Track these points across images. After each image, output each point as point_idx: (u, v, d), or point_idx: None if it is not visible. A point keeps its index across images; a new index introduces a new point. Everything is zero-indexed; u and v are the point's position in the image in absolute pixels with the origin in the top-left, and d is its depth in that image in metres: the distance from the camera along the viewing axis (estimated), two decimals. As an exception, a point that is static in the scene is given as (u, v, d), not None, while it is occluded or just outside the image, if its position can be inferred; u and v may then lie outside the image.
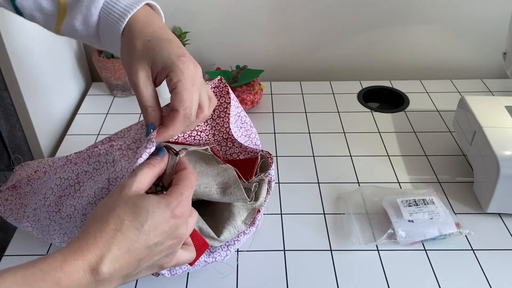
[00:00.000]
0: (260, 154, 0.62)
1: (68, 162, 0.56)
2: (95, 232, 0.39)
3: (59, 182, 0.56)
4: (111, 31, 0.52)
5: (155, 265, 0.43)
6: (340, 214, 0.73)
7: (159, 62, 0.48)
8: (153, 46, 0.49)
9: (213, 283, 0.63)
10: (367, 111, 0.99)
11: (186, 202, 0.43)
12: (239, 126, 0.64)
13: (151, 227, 0.40)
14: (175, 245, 0.43)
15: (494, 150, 0.69)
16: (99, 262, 0.38)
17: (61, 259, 0.37)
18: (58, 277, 0.36)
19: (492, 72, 1.14)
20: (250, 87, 0.96)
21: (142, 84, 0.49)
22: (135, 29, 0.50)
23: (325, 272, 0.64)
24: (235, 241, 0.60)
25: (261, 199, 0.59)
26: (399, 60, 1.13)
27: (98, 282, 0.38)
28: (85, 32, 0.54)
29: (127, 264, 0.39)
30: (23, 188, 0.63)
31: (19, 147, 0.85)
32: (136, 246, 0.40)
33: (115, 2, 0.52)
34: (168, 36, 0.51)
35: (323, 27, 1.08)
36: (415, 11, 1.05)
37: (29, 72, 0.83)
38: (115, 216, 0.40)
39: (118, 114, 0.99)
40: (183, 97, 0.47)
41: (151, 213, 0.40)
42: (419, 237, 0.66)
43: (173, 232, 0.42)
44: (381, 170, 0.82)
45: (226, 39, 1.10)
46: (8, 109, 0.80)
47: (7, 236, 1.00)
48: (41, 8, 0.55)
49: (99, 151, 0.54)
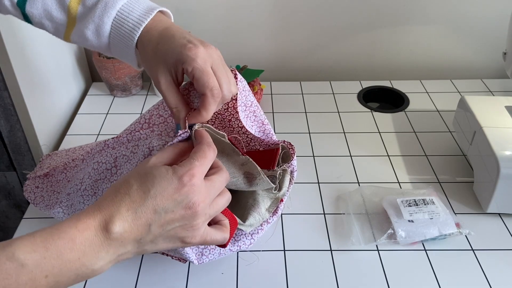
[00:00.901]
0: (281, 145, 0.62)
1: (106, 147, 0.58)
2: (108, 197, 0.42)
3: (97, 166, 0.57)
4: (124, 42, 0.54)
5: (173, 237, 0.44)
6: (340, 214, 0.73)
7: (170, 61, 0.50)
8: (161, 48, 0.51)
9: (213, 282, 0.63)
10: (367, 111, 0.99)
11: (197, 171, 0.43)
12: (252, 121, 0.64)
13: (158, 192, 0.41)
14: (189, 217, 0.43)
15: (494, 150, 0.69)
16: (109, 221, 0.40)
17: (76, 218, 0.40)
18: (72, 233, 0.38)
19: (492, 72, 1.14)
20: (250, 87, 0.96)
21: (164, 89, 0.51)
22: (147, 37, 0.52)
23: (325, 272, 0.64)
24: (259, 230, 0.61)
25: (284, 189, 0.60)
26: (399, 60, 1.13)
27: (110, 240, 0.40)
28: (96, 41, 0.55)
29: (136, 227, 0.41)
30: (56, 176, 0.66)
31: (19, 147, 0.85)
32: (143, 208, 0.41)
33: (128, 13, 0.53)
34: (172, 33, 0.51)
35: (323, 27, 1.08)
36: (415, 11, 1.05)
37: (29, 72, 0.83)
38: (126, 182, 0.42)
39: (118, 114, 0.99)
40: (204, 80, 0.48)
41: (158, 179, 0.42)
42: (419, 237, 0.66)
43: (183, 200, 0.42)
44: (381, 170, 0.82)
45: (226, 39, 1.10)
46: (8, 109, 0.80)
47: (7, 236, 1.00)
48: (51, 17, 0.55)
49: (140, 135, 0.56)
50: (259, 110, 0.64)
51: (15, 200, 0.94)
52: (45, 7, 0.55)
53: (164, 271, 0.64)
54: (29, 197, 0.67)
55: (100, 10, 0.53)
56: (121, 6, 0.53)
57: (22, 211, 0.95)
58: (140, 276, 0.64)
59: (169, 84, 0.51)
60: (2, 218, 0.98)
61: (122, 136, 0.57)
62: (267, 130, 0.64)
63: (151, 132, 0.56)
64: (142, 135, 0.56)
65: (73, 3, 0.54)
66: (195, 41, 0.50)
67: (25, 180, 0.68)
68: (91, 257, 0.39)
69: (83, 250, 0.39)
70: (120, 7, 0.53)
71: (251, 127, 0.62)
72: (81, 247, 0.38)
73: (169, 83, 0.51)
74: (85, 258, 0.39)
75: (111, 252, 0.40)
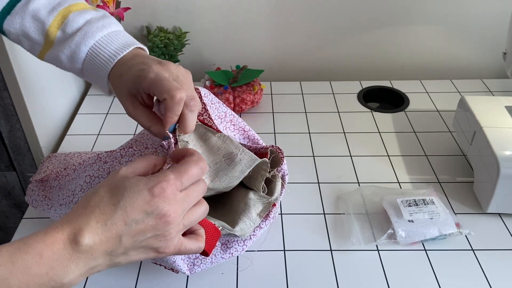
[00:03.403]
0: (270, 149, 0.61)
1: (98, 160, 0.58)
2: (77, 210, 0.42)
3: (89, 179, 0.57)
4: (97, 71, 0.56)
5: (146, 248, 0.43)
6: (340, 214, 0.73)
7: (131, 87, 0.52)
8: (123, 79, 0.53)
9: (213, 282, 0.63)
10: (367, 111, 0.99)
11: (171, 183, 0.43)
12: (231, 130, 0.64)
13: (127, 203, 0.41)
14: (161, 227, 0.42)
15: (494, 150, 0.69)
16: (77, 233, 0.39)
17: (43, 233, 0.39)
18: (40, 248, 0.38)
19: (492, 72, 1.14)
20: (250, 87, 0.96)
21: (134, 114, 0.53)
22: (116, 71, 0.55)
23: (325, 272, 0.64)
24: (251, 235, 0.61)
25: (276, 194, 0.60)
26: (399, 60, 1.13)
27: (79, 253, 0.39)
28: (69, 65, 0.58)
29: (107, 239, 0.40)
30: (50, 183, 0.66)
31: (19, 147, 0.85)
32: (113, 220, 0.41)
33: (105, 45, 0.56)
34: (134, 62, 0.54)
35: (323, 27, 1.08)
36: (415, 11, 1.05)
37: (29, 72, 0.83)
38: (97, 195, 0.42)
39: (118, 114, 0.99)
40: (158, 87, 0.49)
41: (128, 190, 0.42)
42: (419, 237, 0.66)
43: (153, 211, 0.42)
44: (381, 170, 0.82)
45: (226, 39, 1.10)
46: (8, 109, 0.80)
47: (7, 236, 1.00)
48: (28, 36, 0.58)
49: (133, 151, 0.56)
50: (236, 118, 0.64)
51: (15, 200, 0.94)
52: (23, 29, 0.57)
53: (164, 271, 0.64)
54: (27, 199, 0.68)
55: (79, 38, 0.56)
56: (100, 38, 0.56)
57: (22, 211, 0.96)
58: (140, 276, 0.64)
59: (136, 107, 0.53)
60: (2, 218, 0.98)
61: (115, 151, 0.57)
62: (251, 136, 0.64)
63: (145, 149, 0.56)
64: (136, 151, 0.55)
65: (53, 28, 0.57)
66: (150, 62, 0.52)
67: (26, 181, 0.68)
68: (59, 271, 0.39)
69: (51, 264, 0.38)
70: (98, 38, 0.56)
71: (233, 136, 0.62)
72: (48, 262, 0.38)
73: (136, 107, 0.53)
74: (53, 272, 0.38)
75: (81, 265, 0.40)
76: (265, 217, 0.62)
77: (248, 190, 0.60)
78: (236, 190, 0.60)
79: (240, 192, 0.60)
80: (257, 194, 0.60)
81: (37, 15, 0.57)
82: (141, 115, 0.53)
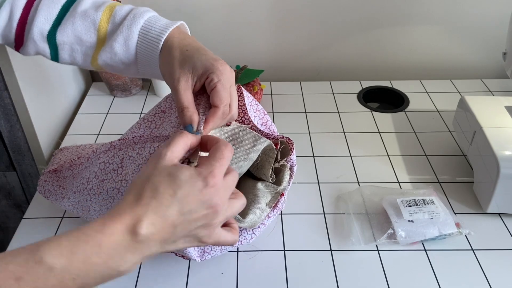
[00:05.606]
0: (280, 140, 0.62)
1: (112, 148, 0.59)
2: (131, 199, 0.42)
3: (103, 166, 0.58)
4: (150, 47, 0.58)
5: (193, 236, 0.44)
6: (340, 214, 0.73)
7: (199, 66, 0.54)
8: (192, 54, 0.55)
9: (213, 282, 0.63)
10: (367, 111, 0.99)
11: (218, 172, 0.44)
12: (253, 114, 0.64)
13: (184, 194, 0.42)
14: (211, 216, 0.44)
15: (494, 150, 0.69)
16: (136, 224, 0.40)
17: (101, 223, 0.40)
18: (99, 238, 0.39)
19: (492, 72, 1.14)
20: (250, 87, 0.96)
21: (183, 89, 0.54)
22: (173, 42, 0.57)
23: (325, 272, 0.64)
24: (260, 224, 0.62)
25: (284, 184, 0.62)
26: (399, 60, 1.13)
27: (136, 243, 0.40)
28: (124, 54, 0.59)
29: (163, 229, 0.42)
30: (63, 173, 0.67)
31: (19, 147, 0.85)
32: (170, 211, 0.42)
33: (154, 22, 0.59)
34: (200, 45, 0.57)
35: (323, 27, 1.08)
36: (415, 11, 1.05)
37: (29, 72, 0.83)
38: (151, 184, 0.43)
39: (118, 114, 0.99)
40: (223, 95, 0.53)
41: (183, 181, 0.43)
42: (419, 237, 0.66)
43: (206, 201, 0.43)
44: (381, 170, 0.82)
45: (226, 39, 1.10)
46: (8, 109, 0.80)
47: (7, 236, 1.00)
48: (81, 41, 0.60)
49: (146, 139, 0.57)
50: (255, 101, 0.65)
51: (15, 200, 0.94)
52: (75, 33, 0.59)
53: (164, 270, 0.64)
54: (39, 190, 0.69)
55: (129, 22, 0.58)
56: (148, 17, 0.59)
57: (22, 211, 0.95)
58: (141, 276, 0.64)
59: (188, 85, 0.54)
60: (2, 218, 0.98)
61: (128, 139, 0.58)
62: (268, 122, 0.65)
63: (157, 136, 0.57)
64: (149, 138, 0.57)
65: (103, 23, 0.59)
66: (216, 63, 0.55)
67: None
68: (117, 260, 0.40)
69: (110, 254, 0.39)
70: (147, 18, 0.59)
71: (254, 117, 0.62)
72: (107, 251, 0.39)
73: (188, 85, 0.54)
74: (111, 261, 0.39)
75: (137, 254, 0.41)
76: (274, 207, 0.63)
77: (256, 181, 0.62)
78: (245, 182, 0.62)
79: (249, 184, 0.62)
80: (265, 184, 0.61)
81: (86, 14, 0.59)
82: (186, 94, 0.54)
